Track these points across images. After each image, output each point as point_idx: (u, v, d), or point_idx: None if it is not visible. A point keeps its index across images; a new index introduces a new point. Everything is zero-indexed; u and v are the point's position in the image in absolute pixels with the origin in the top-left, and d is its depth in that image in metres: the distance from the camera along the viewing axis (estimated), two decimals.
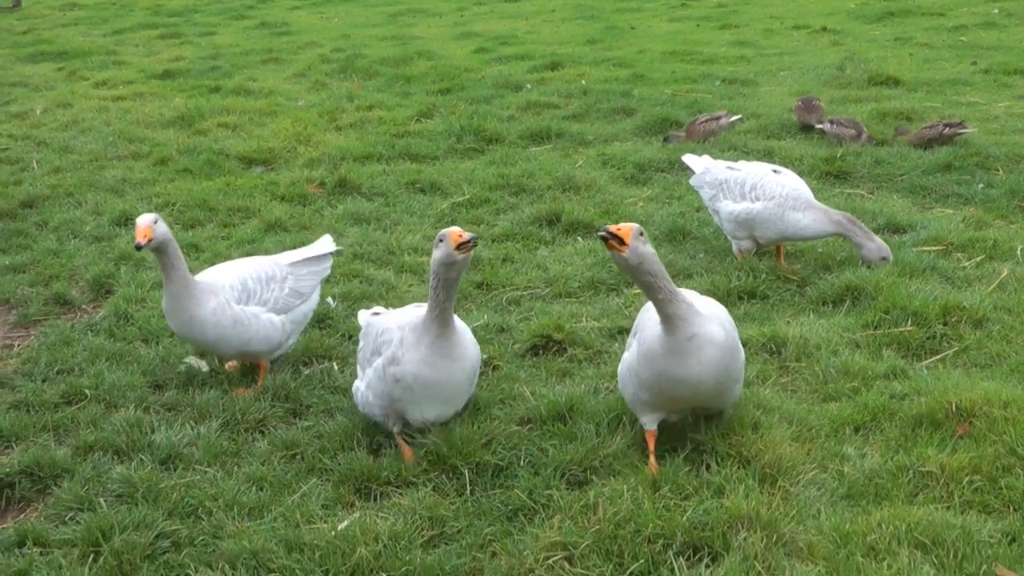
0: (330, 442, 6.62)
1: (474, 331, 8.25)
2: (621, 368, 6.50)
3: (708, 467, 6.23)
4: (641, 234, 5.64)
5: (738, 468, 6.18)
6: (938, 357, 7.94)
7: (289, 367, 7.71)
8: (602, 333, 8.35)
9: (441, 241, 6.21)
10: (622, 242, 5.58)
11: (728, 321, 6.19)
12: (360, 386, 6.70)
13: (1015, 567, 5.35)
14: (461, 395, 6.59)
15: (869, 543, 5.54)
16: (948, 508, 5.93)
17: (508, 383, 7.36)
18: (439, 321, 6.26)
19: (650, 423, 6.36)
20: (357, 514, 5.87)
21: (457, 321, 6.50)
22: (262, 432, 6.92)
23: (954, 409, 6.72)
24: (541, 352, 8.07)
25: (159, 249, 7.14)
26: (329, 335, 8.36)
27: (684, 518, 5.58)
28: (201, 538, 5.72)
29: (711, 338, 5.86)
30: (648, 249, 5.68)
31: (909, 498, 6.05)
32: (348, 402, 7.16)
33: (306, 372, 7.71)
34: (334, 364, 7.85)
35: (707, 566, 5.34)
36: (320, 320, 8.63)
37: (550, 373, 7.66)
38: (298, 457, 6.57)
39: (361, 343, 6.96)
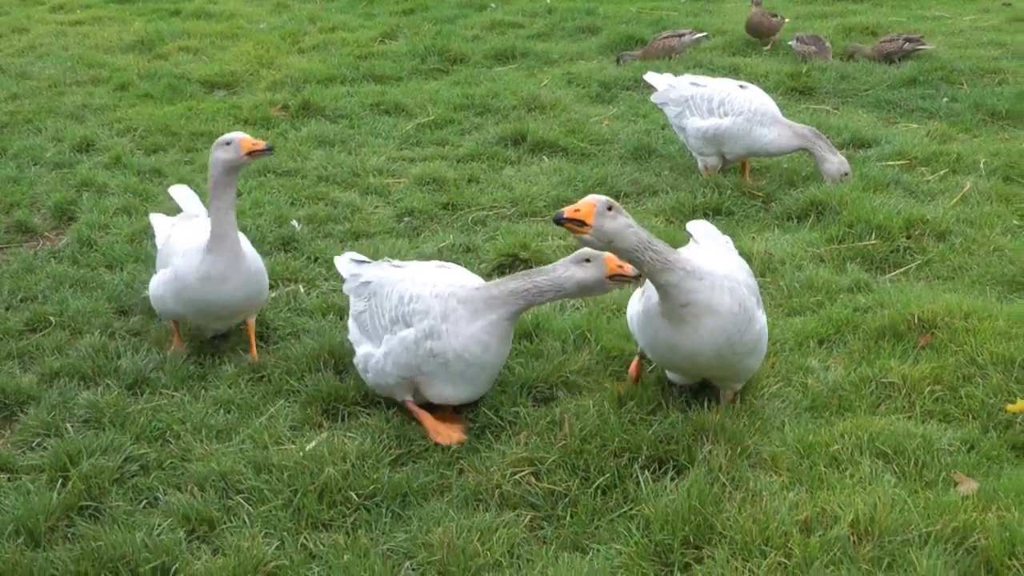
0: (297, 364, 6.62)
1: (440, 251, 8.30)
2: (629, 311, 6.22)
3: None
4: (610, 208, 5.05)
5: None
6: (901, 270, 8.00)
7: None
8: (568, 251, 8.33)
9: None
10: (583, 223, 5.04)
11: (742, 286, 5.56)
12: (375, 354, 6.02)
13: (973, 473, 5.44)
14: (492, 379, 6.05)
15: (832, 453, 5.61)
16: (909, 418, 6.01)
17: None
18: (501, 300, 5.71)
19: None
20: (325, 434, 5.88)
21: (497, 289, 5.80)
22: (229, 355, 6.90)
23: (916, 321, 6.79)
24: (507, 271, 8.07)
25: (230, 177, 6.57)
26: (294, 258, 8.32)
27: (650, 432, 5.62)
28: (169, 461, 5.72)
29: (709, 306, 5.33)
30: (618, 223, 5.06)
31: (871, 409, 6.12)
32: (315, 324, 7.16)
33: (272, 295, 7.67)
34: (300, 287, 7.83)
35: (672, 478, 5.40)
36: (285, 243, 8.59)
37: None
38: (265, 379, 6.56)
39: (357, 303, 6.32)
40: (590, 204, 5.05)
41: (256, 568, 4.84)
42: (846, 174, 9.21)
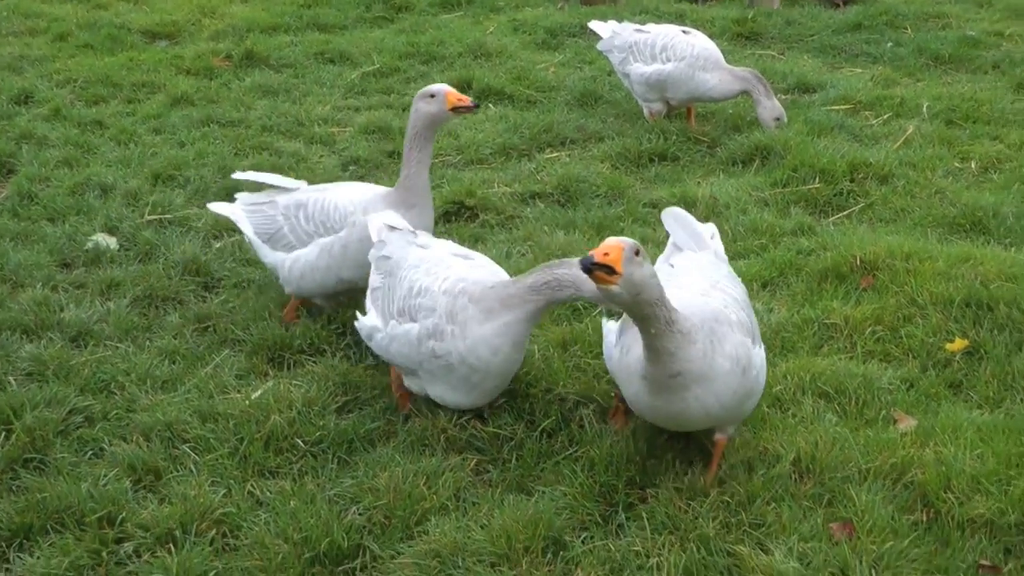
0: (242, 314, 6.60)
1: None
2: (606, 348, 5.27)
3: None
4: (637, 252, 4.21)
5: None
6: (844, 213, 8.07)
7: (199, 241, 7.62)
8: (514, 198, 8.36)
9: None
10: (612, 271, 4.15)
11: (736, 330, 4.73)
12: (382, 331, 5.57)
13: (912, 411, 5.53)
14: (503, 387, 5.50)
15: (775, 394, 5.68)
16: (851, 358, 6.09)
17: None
18: (519, 298, 5.15)
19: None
20: (271, 383, 5.88)
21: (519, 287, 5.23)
22: (174, 306, 6.86)
23: (858, 263, 6.86)
24: (453, 219, 8.07)
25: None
26: None
27: (592, 375, 5.66)
28: (115, 412, 5.69)
29: (702, 375, 4.55)
30: (645, 270, 4.23)
31: (814, 350, 6.20)
32: (260, 274, 7.12)
33: (217, 245, 7.63)
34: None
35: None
36: (229, 193, 8.50)
37: (463, 239, 7.65)
38: (210, 329, 6.53)
39: (375, 277, 5.82)
40: (617, 248, 4.15)
41: (203, 515, 4.84)
42: (778, 119, 9.25)
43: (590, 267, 4.11)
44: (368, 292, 5.85)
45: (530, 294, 5.14)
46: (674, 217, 5.63)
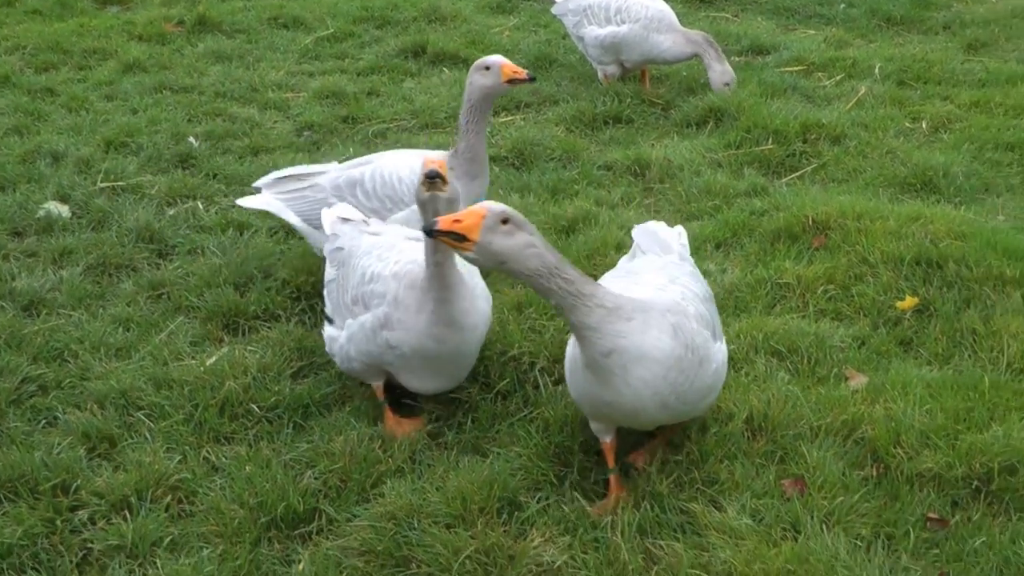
0: (197, 280, 6.56)
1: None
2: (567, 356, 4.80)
3: None
4: (505, 221, 4.01)
5: None
6: (797, 174, 8.12)
7: (153, 208, 7.57)
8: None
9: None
10: (463, 238, 4.00)
11: (691, 319, 4.43)
12: (339, 338, 5.36)
13: (863, 368, 5.59)
14: (467, 367, 5.32)
15: (728, 353, 5.72)
16: (803, 317, 6.14)
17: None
18: (440, 276, 4.87)
19: (602, 433, 4.76)
20: (225, 349, 5.87)
21: (465, 271, 5.04)
22: (127, 274, 6.82)
23: (811, 222, 6.91)
24: None
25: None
26: (192, 175, 8.20)
27: (547, 337, 5.69)
28: (68, 380, 5.66)
29: (642, 353, 4.19)
30: (515, 241, 4.02)
31: (767, 309, 6.24)
32: (214, 240, 7.08)
33: (170, 212, 7.58)
34: (199, 203, 7.72)
35: None
36: (183, 160, 8.46)
37: None
38: (164, 296, 6.50)
39: (330, 270, 5.66)
40: (478, 214, 4.00)
41: (158, 482, 4.84)
42: (728, 83, 9.27)
43: (430, 233, 4.02)
44: (324, 288, 5.68)
45: (428, 274, 4.92)
46: (643, 231, 5.40)
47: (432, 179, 4.80)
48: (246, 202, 6.58)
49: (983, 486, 4.69)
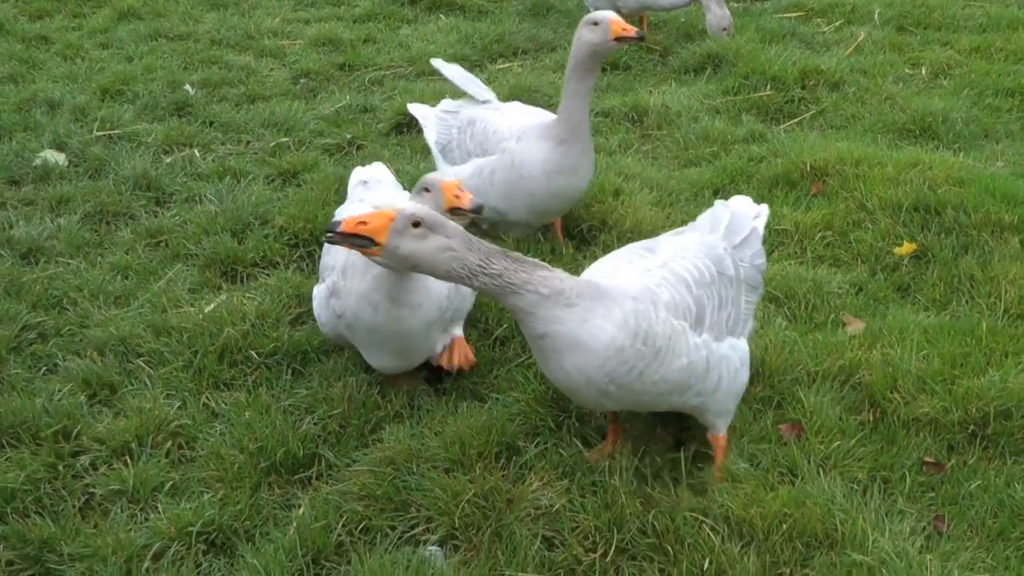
0: (194, 228, 6.55)
1: (337, 111, 8.21)
2: None
3: (571, 232, 6.35)
4: (417, 224, 3.80)
5: (600, 232, 6.31)
6: (795, 120, 8.10)
7: (150, 156, 7.54)
8: None
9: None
10: (371, 242, 3.82)
11: (660, 307, 4.11)
12: (316, 297, 5.25)
13: (860, 314, 5.61)
14: (417, 350, 5.02)
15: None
16: (801, 263, 6.15)
17: (372, 161, 7.28)
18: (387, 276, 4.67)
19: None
20: (223, 296, 5.87)
21: None
22: (125, 222, 6.81)
23: (809, 169, 6.91)
24: (405, 130, 8.03)
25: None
26: (189, 123, 8.17)
27: None
28: (67, 328, 5.67)
29: (576, 341, 3.97)
30: (428, 245, 3.81)
31: (766, 255, 6.23)
32: (212, 188, 7.06)
33: (167, 160, 7.56)
34: (195, 151, 7.70)
35: None
36: (179, 108, 8.43)
37: (414, 151, 7.64)
38: (162, 244, 6.50)
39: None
40: (386, 216, 3.81)
41: (159, 428, 4.86)
42: (725, 29, 9.22)
43: (332, 234, 3.79)
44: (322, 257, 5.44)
45: None
46: (713, 209, 4.94)
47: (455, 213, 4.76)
48: (413, 107, 6.78)
49: (979, 430, 4.72)
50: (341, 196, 6.80)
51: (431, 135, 6.51)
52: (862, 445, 4.63)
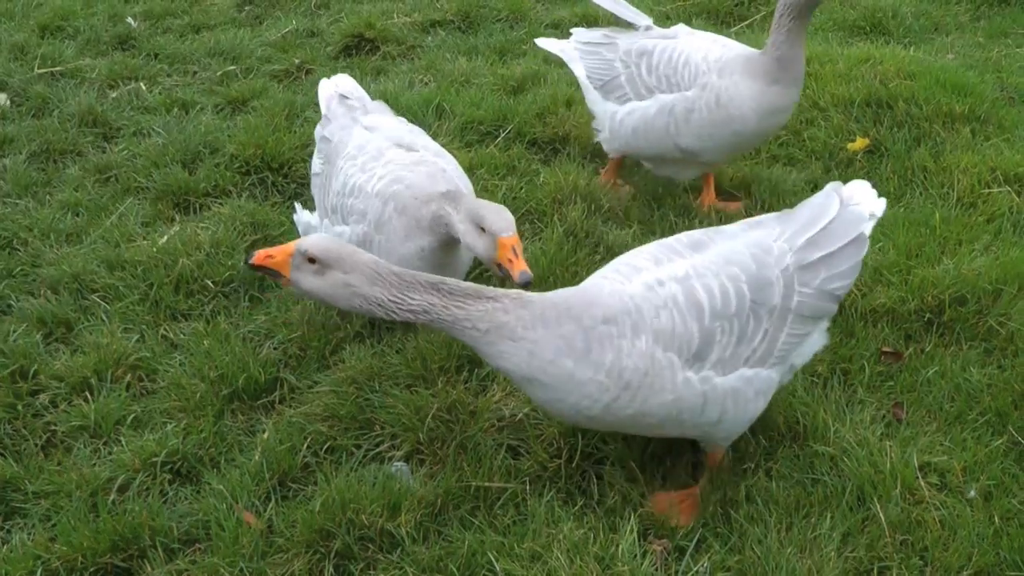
0: (144, 161, 6.46)
1: (284, 37, 8.10)
2: None
3: (533, 146, 6.32)
4: (313, 260, 3.60)
5: (564, 146, 6.29)
6: (746, 22, 8.06)
7: (95, 91, 7.42)
8: (415, 28, 8.23)
9: None
10: (277, 274, 3.72)
11: (638, 337, 3.61)
12: (320, 231, 5.04)
13: None
14: None
15: (681, 204, 5.74)
16: (756, 163, 6.15)
17: None
18: (439, 249, 4.55)
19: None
20: (177, 227, 5.81)
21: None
22: (72, 159, 6.71)
23: None
24: (354, 52, 7.94)
25: None
26: (133, 56, 8.03)
27: (498, 197, 5.67)
28: (19, 268, 5.59)
29: (528, 376, 3.63)
30: (326, 281, 3.60)
31: None
32: (160, 120, 6.96)
33: (112, 95, 7.44)
34: (141, 84, 7.58)
35: (527, 244, 5.46)
36: (122, 42, 8.28)
37: (364, 72, 7.55)
38: (112, 179, 6.41)
39: (316, 160, 5.29)
40: (286, 252, 3.67)
41: (118, 362, 4.82)
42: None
43: (246, 265, 3.70)
44: (311, 176, 5.32)
45: (435, 224, 4.50)
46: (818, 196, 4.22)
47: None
48: (543, 42, 6.23)
49: (935, 318, 4.76)
50: (291, 121, 6.76)
51: (579, 70, 5.92)
52: None
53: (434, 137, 6.27)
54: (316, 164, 5.24)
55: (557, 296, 3.65)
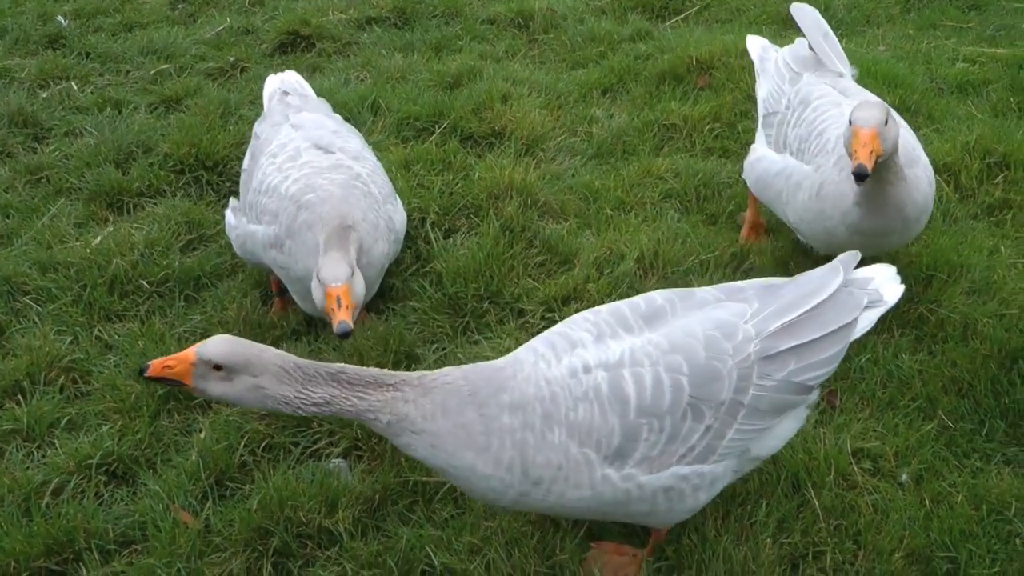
0: (76, 161, 6.38)
1: (218, 35, 8.04)
2: None
3: (469, 142, 6.33)
4: (219, 368, 3.29)
5: (499, 141, 6.29)
6: (681, 16, 8.10)
7: (25, 91, 7.31)
8: (351, 24, 8.19)
9: None
10: (178, 383, 3.36)
11: (549, 430, 3.35)
12: (237, 228, 5.05)
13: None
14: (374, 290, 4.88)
15: (617, 197, 5.76)
16: (691, 156, 6.18)
17: (256, 84, 7.15)
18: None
19: None
20: (110, 228, 5.74)
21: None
22: (2, 160, 6.61)
23: (695, 63, 6.92)
24: (290, 50, 7.89)
25: None
26: (64, 55, 7.92)
27: (435, 191, 5.66)
28: None
29: (442, 469, 3.43)
30: (231, 387, 3.31)
31: (655, 151, 6.28)
32: (92, 120, 6.87)
33: (43, 95, 7.33)
34: (72, 84, 7.48)
35: (463, 239, 5.45)
36: (52, 41, 8.17)
37: (300, 69, 7.44)
38: (44, 180, 6.32)
39: (248, 156, 5.30)
40: (187, 360, 3.33)
41: (51, 364, 4.76)
42: None
43: (143, 376, 3.34)
44: (242, 171, 5.30)
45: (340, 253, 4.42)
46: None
47: None
48: (753, 42, 5.70)
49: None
50: (226, 119, 6.71)
51: (761, 89, 5.40)
52: None
53: (370, 134, 6.29)
54: (246, 160, 5.24)
55: (467, 377, 3.40)
